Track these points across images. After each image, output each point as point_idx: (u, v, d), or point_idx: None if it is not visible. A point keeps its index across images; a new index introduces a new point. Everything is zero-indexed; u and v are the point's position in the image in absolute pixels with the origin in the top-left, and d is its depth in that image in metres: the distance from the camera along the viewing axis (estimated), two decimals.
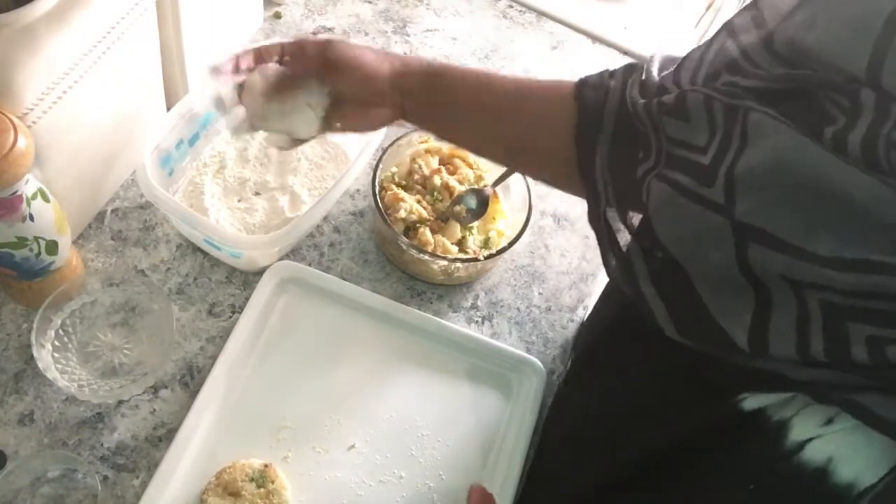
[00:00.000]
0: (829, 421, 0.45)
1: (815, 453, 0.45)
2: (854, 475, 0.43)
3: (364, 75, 0.67)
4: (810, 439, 0.46)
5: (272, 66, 0.68)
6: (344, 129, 0.72)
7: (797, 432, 0.47)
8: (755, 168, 0.46)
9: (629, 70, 0.63)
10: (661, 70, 0.60)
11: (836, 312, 0.43)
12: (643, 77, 0.60)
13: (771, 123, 0.46)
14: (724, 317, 0.47)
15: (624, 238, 0.59)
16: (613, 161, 0.60)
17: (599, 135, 0.61)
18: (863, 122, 0.42)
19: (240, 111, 0.68)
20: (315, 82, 0.67)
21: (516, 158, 0.72)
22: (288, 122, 0.68)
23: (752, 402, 0.50)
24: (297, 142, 0.71)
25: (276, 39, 0.77)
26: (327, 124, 0.69)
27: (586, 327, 0.84)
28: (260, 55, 0.68)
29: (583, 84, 0.64)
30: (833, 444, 0.44)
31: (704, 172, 0.49)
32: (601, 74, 0.64)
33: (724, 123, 0.50)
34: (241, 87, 0.67)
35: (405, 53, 1.08)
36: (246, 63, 0.68)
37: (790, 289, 0.44)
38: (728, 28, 0.56)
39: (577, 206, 0.98)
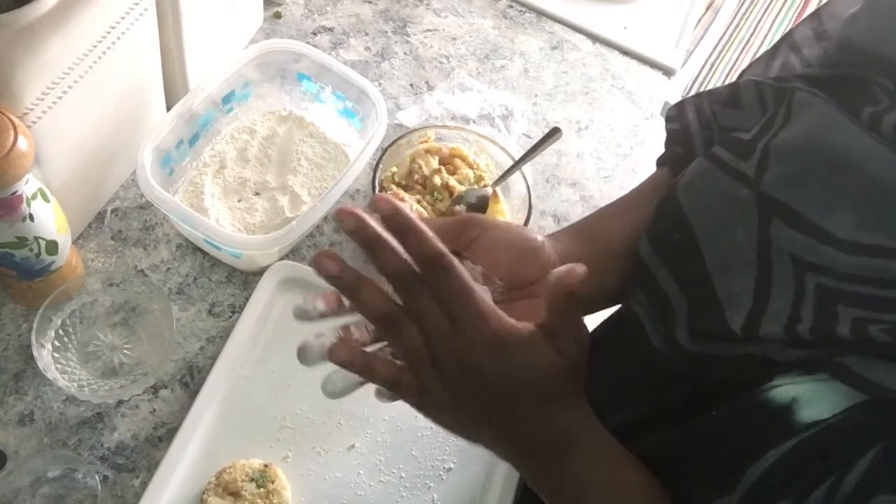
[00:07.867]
0: (804, 373, 0.45)
1: (780, 393, 0.45)
2: (815, 417, 0.43)
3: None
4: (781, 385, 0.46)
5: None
6: None
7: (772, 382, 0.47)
8: (788, 141, 0.47)
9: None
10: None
11: (829, 295, 0.43)
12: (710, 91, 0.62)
13: (814, 101, 0.48)
14: (728, 303, 0.48)
15: None
16: None
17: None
18: None
19: None
20: None
21: None
22: None
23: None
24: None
25: None
26: None
27: None
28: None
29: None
30: (798, 387, 0.44)
31: (744, 147, 0.50)
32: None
33: (773, 106, 0.51)
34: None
35: (405, 54, 1.08)
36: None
37: (793, 271, 0.45)
38: (789, 42, 0.58)
39: (577, 206, 0.98)
